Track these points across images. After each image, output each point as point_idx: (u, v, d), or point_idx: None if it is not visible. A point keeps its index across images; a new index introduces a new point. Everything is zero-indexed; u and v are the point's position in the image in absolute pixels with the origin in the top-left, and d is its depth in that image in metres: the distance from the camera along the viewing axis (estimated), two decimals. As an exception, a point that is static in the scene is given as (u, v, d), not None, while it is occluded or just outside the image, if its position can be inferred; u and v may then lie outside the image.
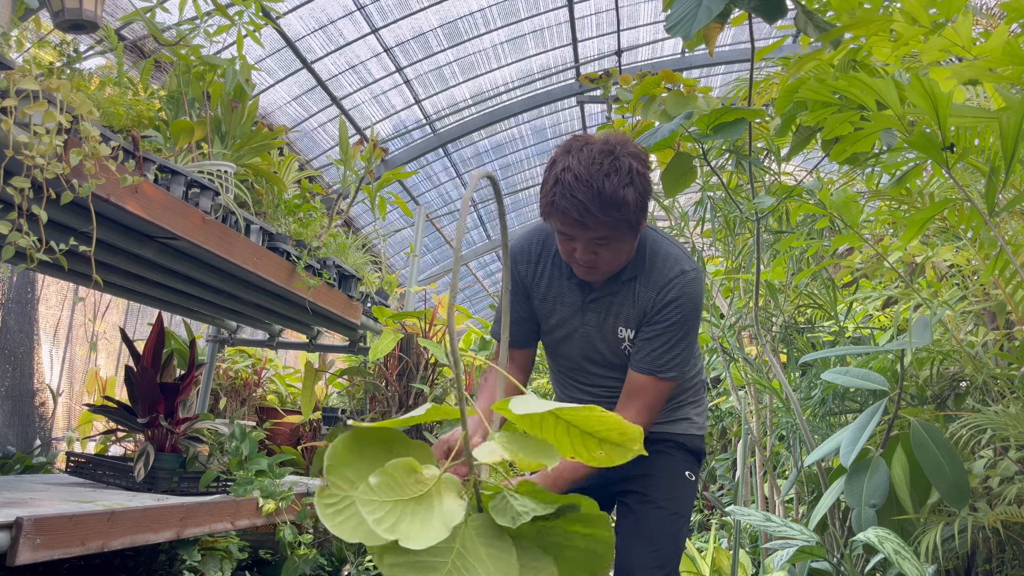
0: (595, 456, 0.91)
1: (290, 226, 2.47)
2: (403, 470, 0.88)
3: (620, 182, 1.61)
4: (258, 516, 2.38)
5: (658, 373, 1.77)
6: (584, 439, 0.91)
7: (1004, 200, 2.05)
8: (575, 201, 1.61)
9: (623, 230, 1.67)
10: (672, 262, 1.79)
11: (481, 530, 0.90)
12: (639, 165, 1.66)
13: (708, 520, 5.17)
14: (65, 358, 4.69)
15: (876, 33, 1.78)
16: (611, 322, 1.84)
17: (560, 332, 1.92)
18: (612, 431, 0.89)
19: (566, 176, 1.63)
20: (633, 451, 0.90)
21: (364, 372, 3.51)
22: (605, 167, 1.62)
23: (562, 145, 1.71)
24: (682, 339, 1.78)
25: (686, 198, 4.72)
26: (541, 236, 1.90)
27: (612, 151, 1.64)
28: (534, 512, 0.91)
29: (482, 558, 0.88)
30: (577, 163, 1.63)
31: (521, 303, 1.93)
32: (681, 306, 1.77)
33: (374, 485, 0.85)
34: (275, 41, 6.57)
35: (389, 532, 0.83)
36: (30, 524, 1.50)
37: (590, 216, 1.62)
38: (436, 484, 0.88)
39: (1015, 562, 2.14)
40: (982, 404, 2.21)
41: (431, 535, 0.83)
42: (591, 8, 8.19)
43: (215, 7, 2.29)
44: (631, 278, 1.80)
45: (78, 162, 1.44)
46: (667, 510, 1.90)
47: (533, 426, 0.91)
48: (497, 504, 0.93)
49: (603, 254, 1.71)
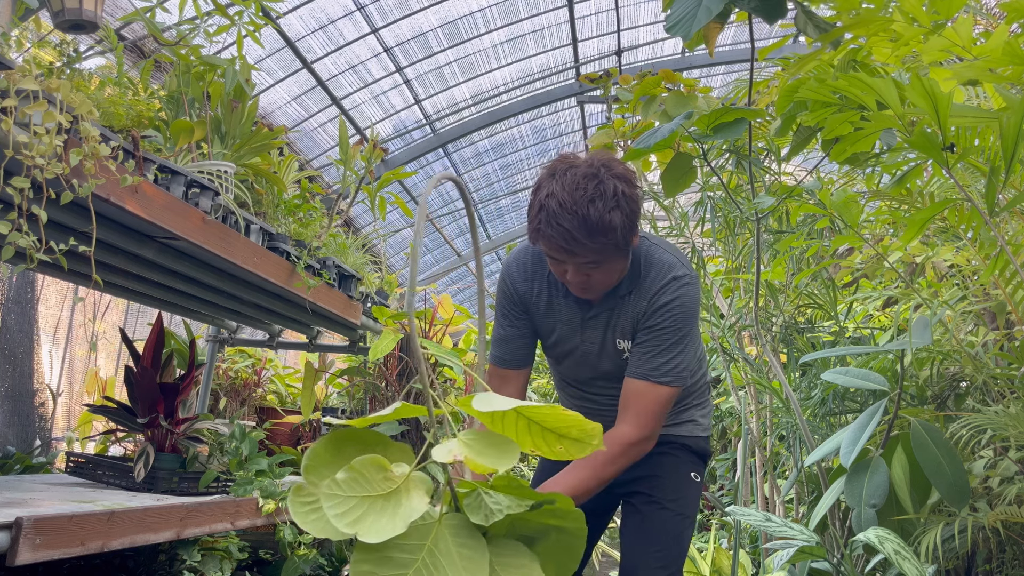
0: (555, 451, 0.94)
1: (290, 226, 2.47)
2: (372, 467, 0.88)
3: (605, 207, 1.58)
4: (258, 516, 2.38)
5: (651, 378, 1.74)
6: (544, 435, 0.93)
7: (1004, 200, 2.05)
8: (560, 229, 1.59)
9: (611, 253, 1.65)
10: (666, 270, 1.77)
11: (456, 529, 0.91)
12: (625, 187, 1.62)
13: (708, 520, 5.17)
14: (65, 358, 4.69)
15: (876, 33, 1.78)
16: (611, 336, 1.83)
17: (561, 349, 1.91)
18: (572, 428, 0.91)
19: (550, 203, 1.60)
20: (593, 446, 0.92)
21: (364, 372, 3.51)
22: (590, 192, 1.58)
23: (547, 167, 1.68)
24: (675, 344, 1.75)
25: (686, 198, 4.72)
26: (536, 253, 1.87)
27: (596, 174, 1.60)
28: (508, 510, 0.92)
29: (453, 557, 0.88)
30: (561, 189, 1.60)
31: (521, 321, 1.90)
32: (672, 310, 1.75)
33: (340, 480, 0.86)
34: (275, 41, 6.57)
35: (351, 527, 0.84)
36: (30, 524, 1.50)
37: (576, 243, 1.60)
38: (405, 482, 0.89)
39: (1015, 562, 2.14)
40: (982, 404, 2.21)
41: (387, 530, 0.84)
42: (591, 8, 8.19)
43: (215, 7, 2.29)
44: (628, 292, 1.79)
45: (78, 162, 1.44)
46: (672, 511, 1.90)
47: (495, 422, 0.92)
48: (472, 502, 0.94)
49: (595, 275, 1.70)
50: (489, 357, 1.96)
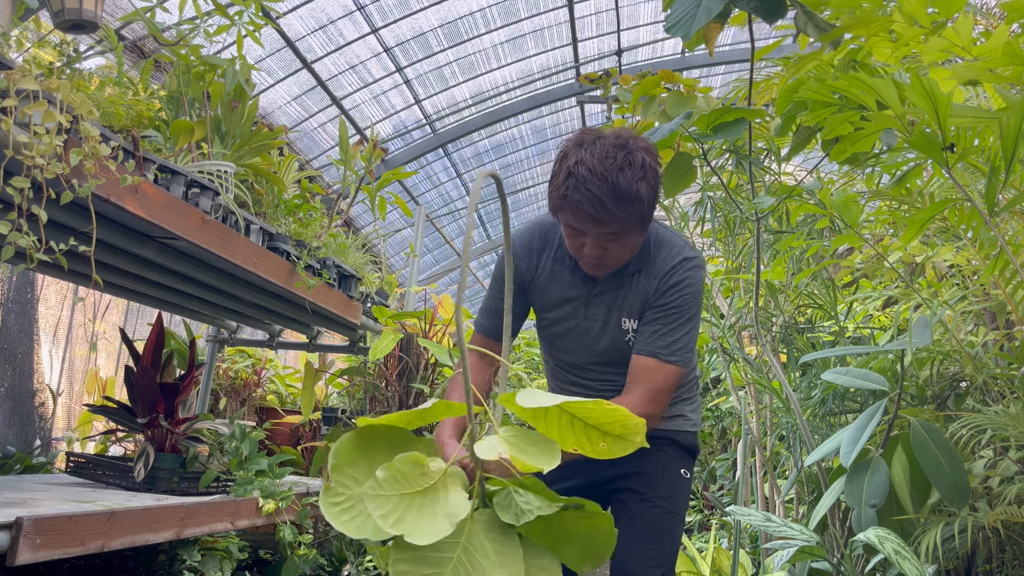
0: (597, 448, 0.93)
1: (290, 226, 2.47)
2: (410, 464, 0.88)
3: (634, 176, 1.61)
4: (258, 516, 2.38)
5: (660, 355, 1.76)
6: (588, 432, 0.92)
7: (1004, 200, 2.05)
8: (589, 195, 1.61)
9: (634, 224, 1.68)
10: (676, 251, 1.80)
11: (487, 525, 0.90)
12: (651, 160, 1.66)
13: (708, 520, 5.17)
14: (65, 358, 4.69)
15: (876, 33, 1.78)
16: (615, 315, 1.84)
17: (562, 326, 1.91)
18: (616, 424, 0.91)
19: (579, 169, 1.62)
20: (635, 443, 0.91)
21: (364, 372, 3.51)
22: (619, 161, 1.61)
23: (572, 138, 1.70)
24: (684, 323, 1.78)
25: (686, 198, 4.72)
26: (541, 231, 1.90)
27: (625, 145, 1.64)
28: (539, 511, 0.91)
29: (488, 554, 0.87)
30: (591, 156, 1.62)
31: (515, 298, 1.91)
32: (682, 290, 1.78)
33: (381, 479, 0.85)
34: (275, 41, 6.57)
35: (395, 527, 0.83)
36: (30, 524, 1.50)
37: (604, 210, 1.62)
38: (442, 477, 0.89)
39: (1015, 562, 2.14)
40: (982, 404, 2.21)
41: (436, 530, 0.83)
42: (591, 8, 8.19)
43: (215, 7, 2.29)
44: (636, 271, 1.81)
45: (78, 162, 1.44)
46: (663, 508, 1.90)
47: (538, 419, 0.91)
48: (502, 500, 0.93)
49: (611, 249, 1.71)
50: (475, 324, 1.97)
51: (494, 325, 1.92)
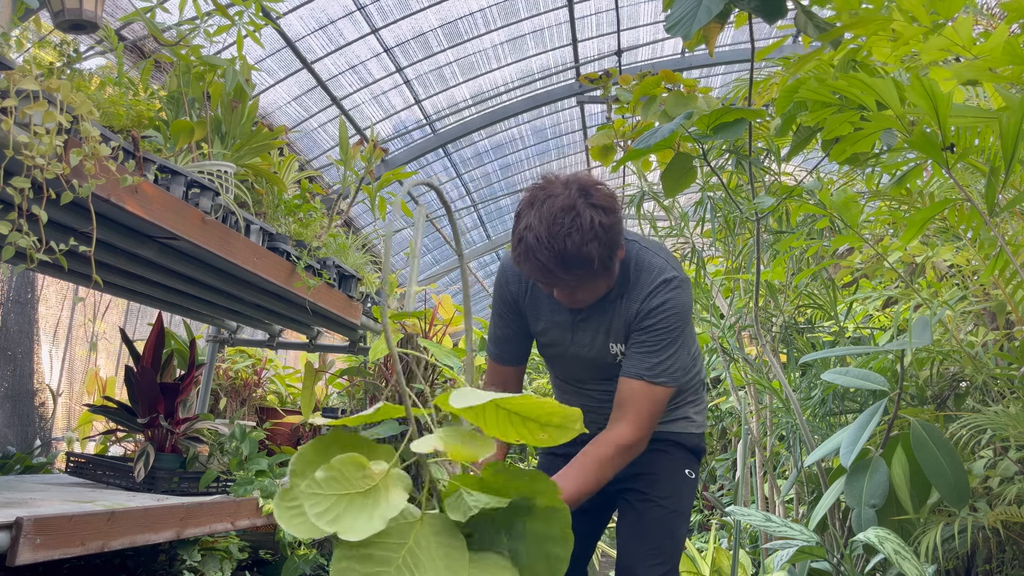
0: (539, 438, 0.96)
1: (290, 226, 2.47)
2: (351, 465, 0.90)
3: (582, 239, 1.60)
4: (258, 516, 2.38)
5: (646, 378, 1.76)
6: (527, 424, 0.95)
7: (1004, 200, 2.05)
8: (538, 263, 1.62)
9: (590, 279, 1.69)
10: (656, 273, 1.79)
11: (437, 528, 0.92)
12: (602, 216, 1.63)
13: (708, 520, 5.17)
14: (65, 358, 4.69)
15: (876, 33, 1.78)
16: (601, 339, 1.86)
17: (554, 349, 1.95)
18: (553, 415, 0.93)
19: (528, 236, 1.62)
20: (575, 430, 0.94)
21: (364, 372, 3.50)
22: (566, 226, 1.59)
23: (527, 194, 1.70)
24: (669, 345, 1.77)
25: (686, 198, 4.72)
26: None
27: (573, 206, 1.61)
28: (487, 504, 0.94)
29: (434, 556, 0.89)
30: (538, 222, 1.62)
31: (515, 321, 1.95)
32: (663, 312, 1.77)
33: (320, 479, 0.87)
34: (275, 41, 6.57)
35: (330, 525, 0.85)
36: (30, 524, 1.50)
37: (554, 276, 1.65)
38: (384, 479, 0.90)
39: (1015, 562, 2.14)
40: (982, 404, 2.21)
41: (370, 529, 0.85)
42: (591, 8, 8.19)
43: (215, 7, 2.29)
44: (619, 296, 1.81)
45: (78, 162, 1.44)
46: (667, 508, 1.91)
47: (477, 417, 0.93)
48: (452, 501, 0.95)
49: (579, 294, 1.74)
50: (487, 353, 2.04)
51: (504, 352, 1.99)
